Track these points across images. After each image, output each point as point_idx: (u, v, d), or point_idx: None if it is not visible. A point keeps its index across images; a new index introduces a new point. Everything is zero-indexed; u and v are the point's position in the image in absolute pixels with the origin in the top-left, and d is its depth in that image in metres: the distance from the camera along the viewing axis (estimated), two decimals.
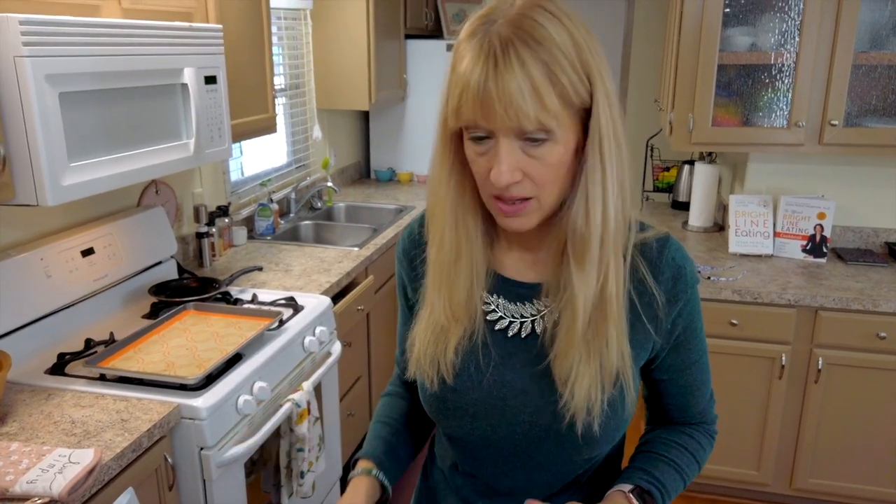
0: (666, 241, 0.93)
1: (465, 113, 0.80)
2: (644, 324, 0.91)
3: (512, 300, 0.94)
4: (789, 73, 2.52)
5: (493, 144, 0.80)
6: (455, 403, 0.95)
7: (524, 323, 0.93)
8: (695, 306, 0.95)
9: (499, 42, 0.76)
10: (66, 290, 1.91)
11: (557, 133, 0.79)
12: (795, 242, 2.73)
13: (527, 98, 0.75)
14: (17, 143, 1.47)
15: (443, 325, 0.93)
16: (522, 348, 0.93)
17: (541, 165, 0.81)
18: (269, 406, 1.86)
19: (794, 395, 2.48)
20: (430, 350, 0.94)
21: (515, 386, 0.92)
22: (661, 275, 0.91)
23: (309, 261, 2.67)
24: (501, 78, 0.75)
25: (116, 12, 1.76)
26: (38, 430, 1.48)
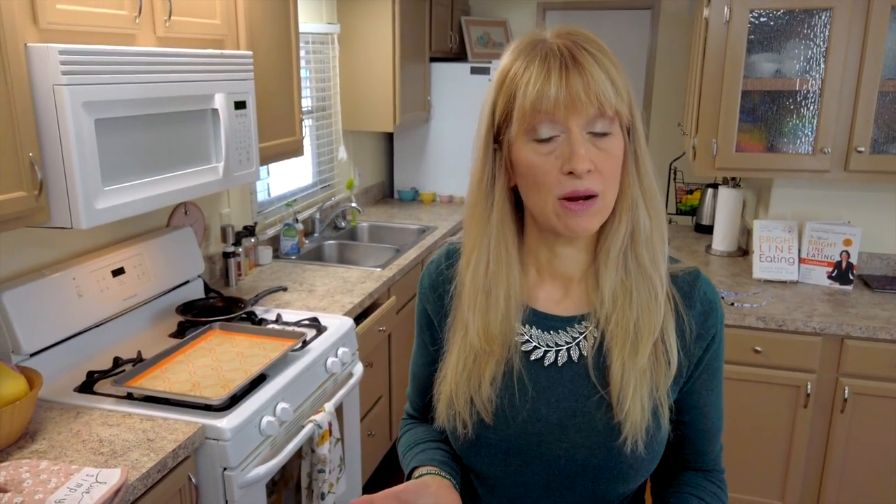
0: (697, 275, 0.95)
1: (542, 112, 0.83)
2: (679, 351, 0.92)
3: (546, 330, 0.94)
4: (814, 100, 2.51)
5: (564, 140, 0.84)
6: (488, 441, 0.93)
7: (560, 351, 0.93)
8: (720, 344, 0.95)
9: (566, 48, 0.83)
10: (97, 309, 1.95)
11: (617, 130, 0.86)
12: (821, 269, 2.70)
13: (608, 85, 0.83)
14: (54, 167, 1.52)
15: (476, 352, 0.92)
16: (558, 380, 0.92)
17: (608, 158, 0.85)
18: (291, 427, 1.88)
19: (820, 425, 2.44)
20: (463, 386, 0.92)
21: (551, 421, 0.91)
22: (693, 308, 0.92)
23: (332, 281, 2.70)
24: (584, 69, 0.82)
25: (151, 41, 1.82)
26: (66, 449, 1.52)
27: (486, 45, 4.42)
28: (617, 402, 0.88)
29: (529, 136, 0.85)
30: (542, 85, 0.82)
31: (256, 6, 2.26)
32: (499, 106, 0.88)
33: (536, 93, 0.83)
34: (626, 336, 0.88)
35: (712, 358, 0.94)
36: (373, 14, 3.51)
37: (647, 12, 4.50)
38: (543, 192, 0.86)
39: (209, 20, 2.03)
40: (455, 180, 4.23)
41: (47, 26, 1.50)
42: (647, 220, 0.89)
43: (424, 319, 1.04)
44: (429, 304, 1.03)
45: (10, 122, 1.42)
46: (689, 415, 0.96)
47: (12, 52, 1.41)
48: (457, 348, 0.94)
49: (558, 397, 0.91)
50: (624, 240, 0.90)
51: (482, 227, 0.92)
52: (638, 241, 0.90)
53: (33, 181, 1.48)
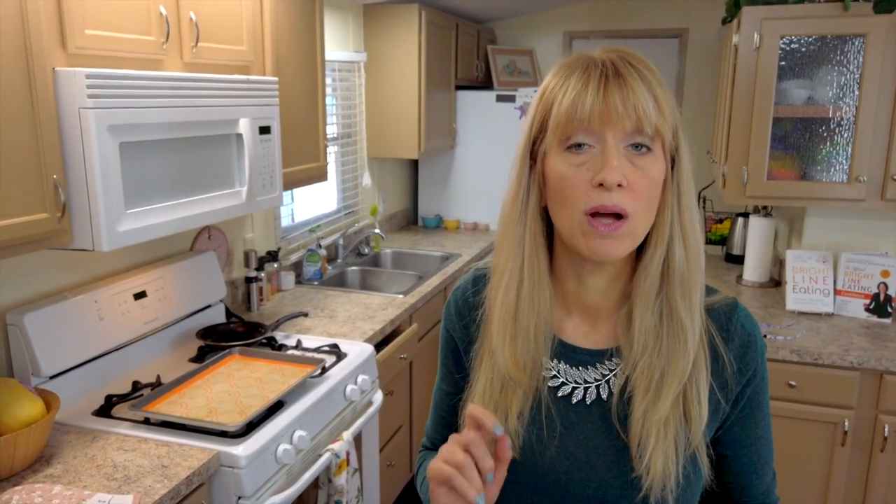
0: (735, 307, 0.90)
1: (576, 120, 0.80)
2: (714, 391, 0.87)
3: (573, 365, 0.90)
4: (849, 127, 2.45)
5: (598, 151, 0.80)
6: (516, 477, 0.88)
7: (588, 388, 0.89)
8: (763, 377, 0.91)
9: (610, 61, 0.81)
10: (118, 332, 1.95)
11: (658, 151, 0.82)
12: (858, 301, 2.61)
13: (649, 101, 0.79)
14: (77, 190, 1.53)
15: (503, 381, 0.88)
16: (586, 416, 0.88)
17: (643, 177, 0.81)
18: (308, 455, 1.85)
19: (859, 464, 2.33)
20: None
21: (580, 458, 0.87)
22: (731, 341, 0.88)
23: (354, 307, 2.67)
24: (625, 81, 0.79)
25: (178, 66, 1.84)
26: (80, 473, 1.50)
27: (511, 74, 4.43)
28: (637, 454, 0.84)
29: (562, 146, 0.82)
30: (580, 93, 0.80)
31: (283, 33, 2.29)
32: (536, 118, 0.86)
33: (572, 101, 0.80)
34: (650, 384, 0.84)
35: (755, 392, 0.90)
36: (399, 43, 3.54)
37: (675, 41, 4.48)
38: (571, 206, 0.82)
39: (236, 46, 2.05)
40: (479, 207, 4.21)
41: (75, 51, 1.52)
42: (684, 257, 0.84)
43: (450, 347, 1.01)
44: (454, 331, 1.00)
45: (35, 145, 1.43)
46: (732, 448, 0.92)
47: (40, 76, 1.43)
48: (483, 377, 0.90)
49: (587, 434, 0.87)
50: (656, 278, 0.85)
51: (514, 247, 0.89)
52: (672, 281, 0.85)
53: (56, 203, 1.48)
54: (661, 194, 0.84)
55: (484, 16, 4.38)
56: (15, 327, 1.70)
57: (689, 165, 0.85)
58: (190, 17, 1.84)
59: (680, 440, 0.83)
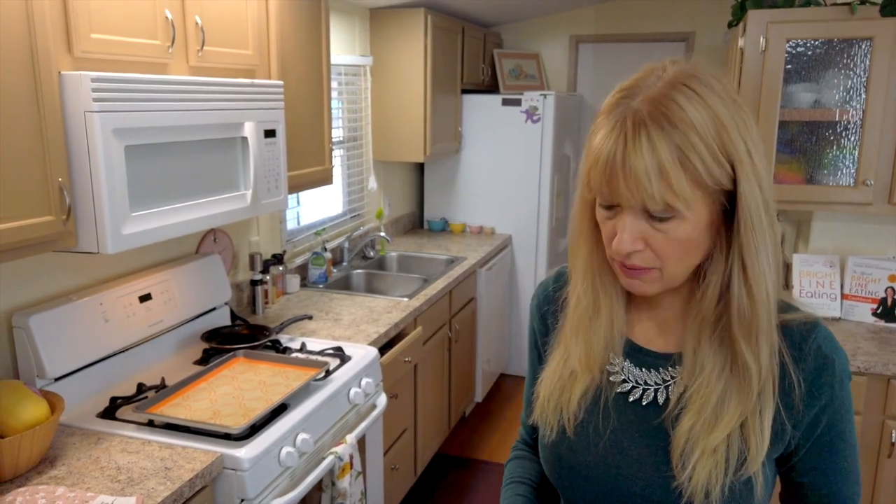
0: (814, 327, 0.87)
1: (594, 183, 0.82)
2: (781, 412, 0.85)
3: (637, 366, 0.92)
4: (855, 130, 2.44)
5: (619, 212, 0.82)
6: (569, 462, 0.93)
7: (647, 391, 0.91)
8: (843, 404, 0.87)
9: (632, 121, 0.77)
10: (123, 334, 1.95)
11: (686, 212, 0.78)
12: (865, 306, 2.59)
13: (653, 180, 0.76)
14: (82, 193, 1.54)
15: (572, 371, 0.93)
16: (642, 416, 0.90)
17: (665, 239, 0.80)
18: (311, 459, 1.85)
19: (866, 469, 2.31)
20: (554, 396, 0.94)
21: (630, 454, 0.89)
22: (804, 361, 0.85)
23: (358, 310, 2.68)
24: (629, 158, 0.76)
25: (184, 70, 1.85)
26: (84, 475, 1.50)
27: (517, 78, 4.43)
28: (679, 464, 0.84)
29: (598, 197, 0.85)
30: (596, 160, 0.80)
31: (289, 37, 2.29)
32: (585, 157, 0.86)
33: (591, 165, 0.81)
34: (704, 405, 0.84)
35: (834, 420, 0.87)
36: (405, 47, 3.55)
37: (682, 44, 4.47)
38: (608, 248, 0.86)
39: (241, 50, 2.06)
40: (485, 211, 4.21)
41: (81, 55, 1.53)
42: (746, 301, 0.82)
43: (532, 339, 1.08)
44: (535, 321, 1.06)
45: (40, 148, 1.44)
46: (810, 477, 0.90)
47: (46, 80, 1.44)
48: (555, 361, 0.96)
49: (641, 433, 0.90)
50: (709, 318, 0.85)
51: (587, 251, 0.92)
52: (733, 322, 0.83)
53: (62, 206, 1.49)
54: (713, 236, 0.82)
55: (490, 20, 4.39)
56: (20, 329, 1.71)
57: (757, 199, 0.80)
58: (196, 21, 1.85)
59: (732, 461, 0.83)
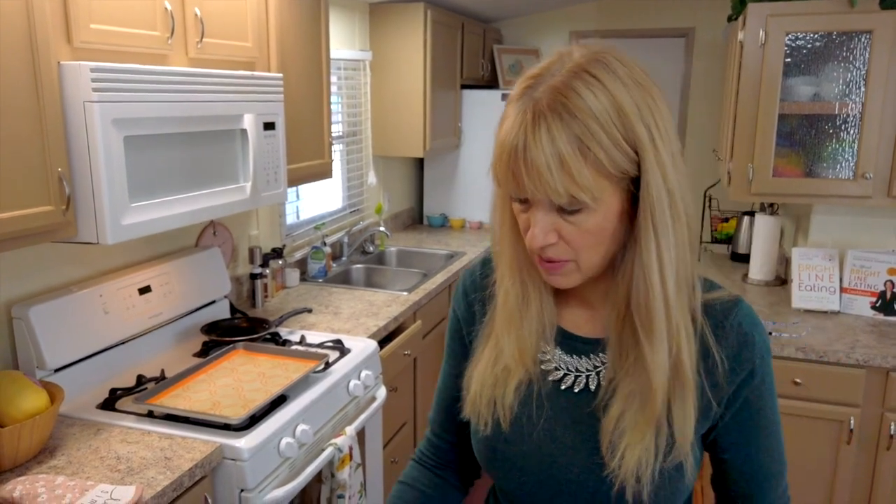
0: (735, 304, 0.87)
1: (500, 177, 0.80)
2: (705, 390, 0.86)
3: (568, 353, 0.91)
4: (855, 124, 2.44)
5: (531, 206, 0.80)
6: (504, 453, 0.92)
7: (578, 378, 0.90)
8: (764, 380, 0.87)
9: (532, 113, 0.75)
10: (123, 326, 1.96)
11: (592, 203, 0.77)
12: (864, 299, 2.60)
13: (554, 173, 0.74)
14: (82, 183, 1.54)
15: (505, 366, 0.91)
16: (574, 404, 0.89)
17: (577, 231, 0.79)
18: (311, 450, 1.85)
19: (865, 462, 2.31)
20: (487, 392, 0.92)
21: (564, 442, 0.89)
22: (726, 339, 0.86)
23: (358, 304, 2.68)
24: (529, 151, 0.75)
25: (183, 61, 1.85)
26: (84, 465, 1.50)
27: (517, 73, 4.43)
28: (608, 450, 0.84)
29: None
30: (500, 155, 0.78)
31: (288, 30, 2.29)
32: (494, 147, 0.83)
33: (495, 159, 0.80)
34: (631, 394, 0.83)
35: (754, 396, 0.87)
36: (405, 42, 3.55)
37: (681, 40, 4.47)
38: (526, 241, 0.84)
39: (241, 42, 2.06)
40: (485, 207, 4.19)
41: (80, 45, 1.53)
42: (642, 287, 0.80)
43: (455, 326, 1.05)
44: (460, 309, 1.04)
45: (40, 138, 1.44)
46: (730, 453, 0.91)
47: (45, 70, 1.44)
48: (486, 356, 0.94)
49: (574, 420, 0.89)
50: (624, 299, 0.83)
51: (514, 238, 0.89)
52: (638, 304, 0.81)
53: (61, 196, 1.49)
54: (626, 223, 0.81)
55: (490, 15, 4.39)
56: (20, 320, 1.72)
57: (659, 186, 0.77)
58: (195, 13, 1.85)
59: (661, 446, 0.83)
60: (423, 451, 1.14)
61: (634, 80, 0.77)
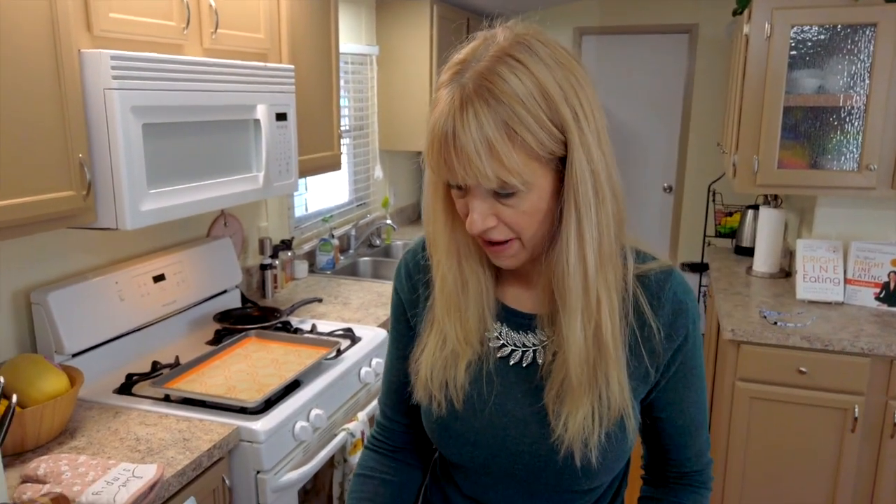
0: (669, 275, 0.90)
1: (433, 164, 0.81)
2: (643, 357, 0.89)
3: (514, 329, 0.94)
4: (859, 116, 2.46)
5: (468, 191, 0.82)
6: (457, 431, 0.94)
7: (525, 352, 0.93)
8: (695, 343, 0.92)
9: (460, 99, 0.76)
10: (138, 313, 1.98)
11: (522, 186, 0.78)
12: (868, 290, 2.62)
13: (483, 159, 0.75)
14: (102, 169, 1.57)
15: (453, 349, 0.93)
16: (523, 378, 0.92)
17: (514, 213, 0.81)
18: (324, 434, 1.88)
19: (869, 450, 2.34)
20: (438, 375, 0.93)
21: (516, 416, 0.92)
22: (662, 308, 0.89)
23: (367, 295, 2.71)
24: (459, 138, 0.76)
25: (198, 51, 1.87)
26: (104, 446, 1.53)
27: None
28: (553, 418, 0.88)
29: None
30: (430, 141, 0.79)
31: (299, 22, 2.32)
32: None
33: (427, 146, 0.80)
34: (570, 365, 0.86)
35: (687, 357, 0.92)
36: (411, 36, 3.57)
37: (685, 36, 4.50)
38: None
39: (254, 34, 2.08)
40: None
41: (100, 33, 1.55)
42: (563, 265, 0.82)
43: (398, 310, 1.04)
44: (403, 292, 1.03)
45: (61, 124, 1.47)
46: (666, 412, 0.96)
47: (66, 58, 1.46)
48: (433, 340, 0.94)
49: (524, 393, 0.92)
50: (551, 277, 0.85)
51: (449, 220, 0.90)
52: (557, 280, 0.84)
53: (82, 181, 1.52)
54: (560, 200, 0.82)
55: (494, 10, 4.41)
56: (39, 306, 1.74)
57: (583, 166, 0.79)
58: (210, 4, 1.87)
59: (603, 411, 0.86)
60: (376, 437, 1.13)
61: (557, 60, 0.78)
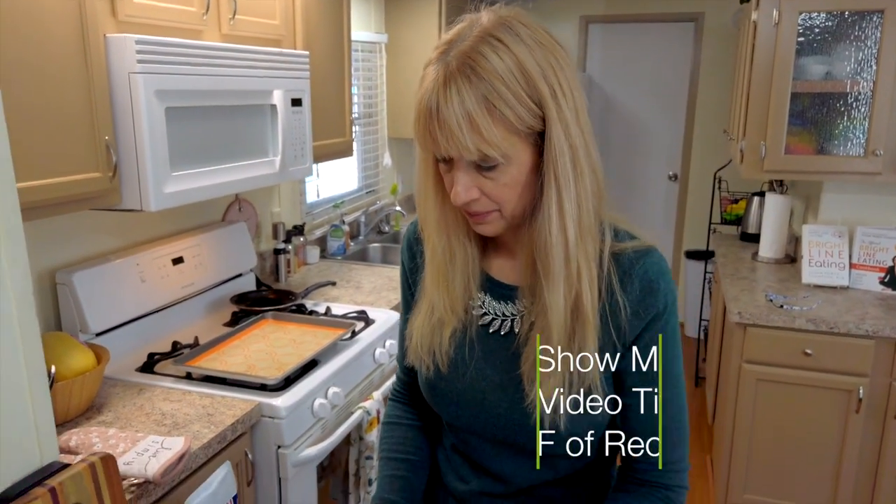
0: (644, 254, 0.91)
1: (419, 137, 0.87)
2: (611, 332, 0.91)
3: (496, 299, 0.99)
4: (866, 102, 2.49)
5: (452, 165, 0.87)
6: (443, 391, 1.01)
7: (504, 321, 0.98)
8: (665, 328, 0.91)
9: (444, 76, 0.82)
10: (158, 294, 2.03)
11: (502, 159, 0.83)
12: (873, 274, 2.66)
13: (465, 132, 0.81)
14: (127, 151, 1.61)
15: (440, 318, 0.99)
16: (502, 345, 0.97)
17: (496, 185, 0.86)
18: (341, 412, 1.92)
19: (873, 430, 2.38)
20: (426, 341, 1.00)
21: (494, 381, 0.97)
22: (630, 285, 0.90)
23: (378, 279, 2.75)
24: (441, 111, 0.81)
25: (216, 37, 1.91)
26: (131, 420, 1.58)
27: None
28: (528, 386, 0.92)
29: None
30: (417, 115, 0.85)
31: (313, 10, 2.35)
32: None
33: (414, 119, 0.86)
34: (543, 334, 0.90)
35: (654, 339, 0.91)
36: (420, 24, 3.60)
37: (691, 24, 4.51)
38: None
39: (269, 20, 2.11)
40: None
41: (125, 18, 1.59)
42: (545, 236, 0.87)
43: (403, 277, 1.12)
44: (406, 261, 1.11)
45: (89, 107, 1.51)
46: (631, 398, 0.93)
47: (93, 42, 1.50)
48: (424, 308, 1.01)
49: (502, 360, 0.97)
50: (532, 248, 0.89)
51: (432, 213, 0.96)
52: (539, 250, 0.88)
53: (108, 163, 1.56)
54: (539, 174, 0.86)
55: None
56: (64, 286, 1.79)
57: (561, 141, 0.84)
58: None
59: (573, 379, 0.89)
60: (398, 390, 1.21)
61: (537, 41, 0.84)
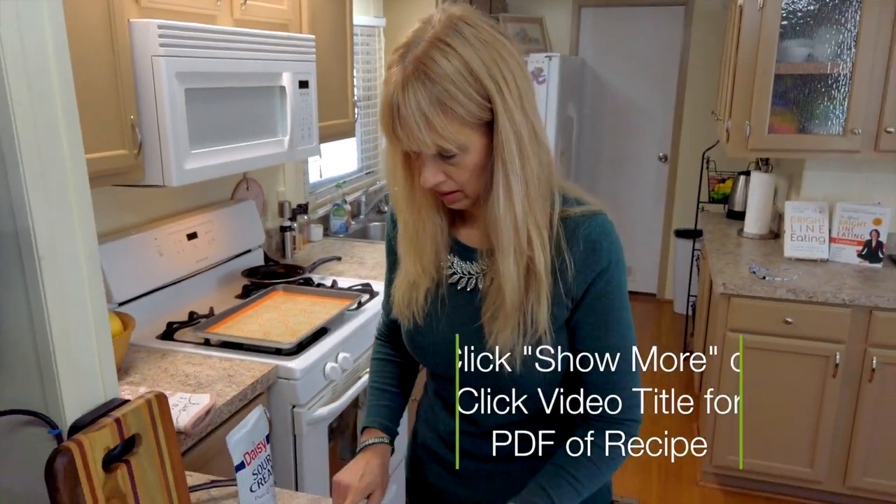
0: (589, 217, 1.03)
1: (385, 131, 0.99)
2: (559, 287, 1.03)
3: (463, 259, 1.12)
4: (845, 83, 2.62)
5: (420, 155, 0.99)
6: (420, 342, 1.15)
7: (470, 279, 1.11)
8: (609, 283, 1.04)
9: (402, 79, 0.93)
10: (174, 267, 2.14)
11: (459, 150, 0.96)
12: (851, 248, 2.80)
13: (422, 129, 0.93)
14: (150, 130, 1.71)
15: (414, 281, 1.12)
16: (468, 300, 1.10)
17: (457, 170, 0.99)
18: (350, 376, 2.05)
19: (849, 394, 2.53)
20: (405, 300, 1.13)
21: (461, 332, 1.09)
22: (576, 246, 1.02)
23: (379, 255, 2.86)
24: (401, 112, 0.94)
25: (229, 21, 2.00)
26: (158, 381, 1.70)
27: (522, 41, 4.57)
28: (489, 335, 1.05)
29: None
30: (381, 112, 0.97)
31: None
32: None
33: (379, 116, 0.99)
34: (500, 290, 1.02)
35: (600, 295, 1.03)
36: (417, 9, 3.69)
37: (681, 8, 4.61)
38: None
39: (277, 5, 2.21)
40: None
41: (147, 4, 1.68)
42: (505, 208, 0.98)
43: (388, 245, 1.25)
44: (390, 230, 1.24)
45: (115, 89, 1.61)
46: (584, 345, 1.06)
47: (119, 27, 1.60)
48: (401, 276, 1.14)
49: (469, 313, 1.09)
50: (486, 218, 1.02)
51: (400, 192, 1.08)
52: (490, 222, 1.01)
53: (134, 141, 1.66)
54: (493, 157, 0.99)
55: None
56: None
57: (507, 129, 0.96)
58: None
59: (526, 328, 1.02)
60: (383, 331, 1.35)
61: (481, 39, 0.95)
